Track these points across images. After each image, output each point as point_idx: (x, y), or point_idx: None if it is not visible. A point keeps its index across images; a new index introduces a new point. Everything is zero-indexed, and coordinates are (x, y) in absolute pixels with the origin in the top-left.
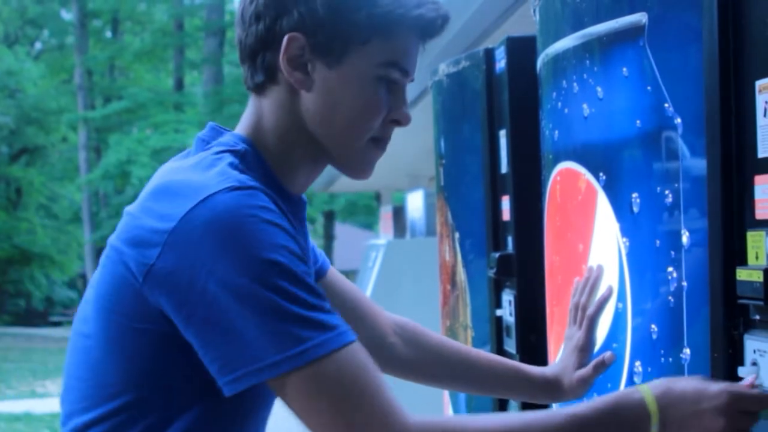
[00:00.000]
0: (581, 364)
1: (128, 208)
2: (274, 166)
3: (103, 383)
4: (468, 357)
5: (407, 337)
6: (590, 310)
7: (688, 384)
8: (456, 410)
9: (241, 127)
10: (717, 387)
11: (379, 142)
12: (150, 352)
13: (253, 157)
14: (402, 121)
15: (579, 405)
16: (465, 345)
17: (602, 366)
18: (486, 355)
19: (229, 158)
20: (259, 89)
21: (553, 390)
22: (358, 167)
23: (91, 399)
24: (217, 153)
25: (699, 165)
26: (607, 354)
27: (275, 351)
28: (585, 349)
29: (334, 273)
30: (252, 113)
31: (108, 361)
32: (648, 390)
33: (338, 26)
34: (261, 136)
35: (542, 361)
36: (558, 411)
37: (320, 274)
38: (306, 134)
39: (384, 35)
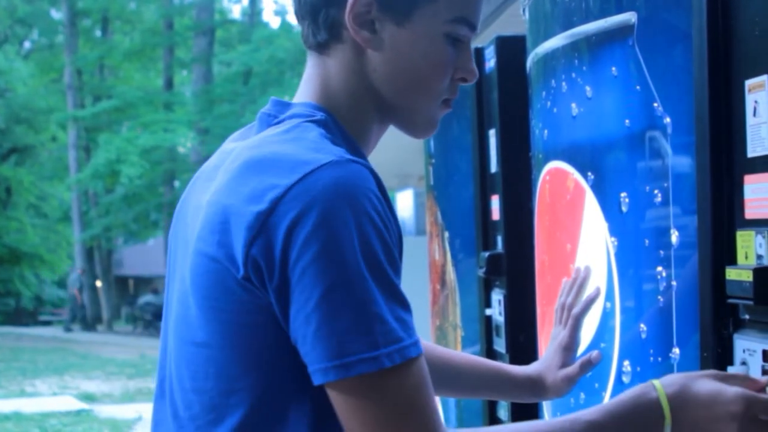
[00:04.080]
0: (565, 363)
1: (203, 199)
2: (349, 130)
3: (230, 389)
4: (450, 362)
5: None
6: (576, 310)
7: (703, 386)
8: (445, 409)
9: (308, 94)
10: (732, 391)
11: (447, 102)
12: (266, 345)
13: (334, 124)
14: (469, 78)
15: (595, 410)
16: (447, 349)
17: (588, 365)
18: (468, 357)
19: (315, 128)
20: (321, 48)
21: (536, 388)
22: (425, 126)
23: (220, 409)
24: (299, 126)
25: (688, 164)
26: (594, 353)
27: (354, 351)
28: (569, 348)
29: None
30: (316, 75)
31: (234, 365)
32: (662, 389)
33: None
34: (332, 100)
35: (531, 360)
36: (576, 418)
37: None
38: (374, 94)
39: None
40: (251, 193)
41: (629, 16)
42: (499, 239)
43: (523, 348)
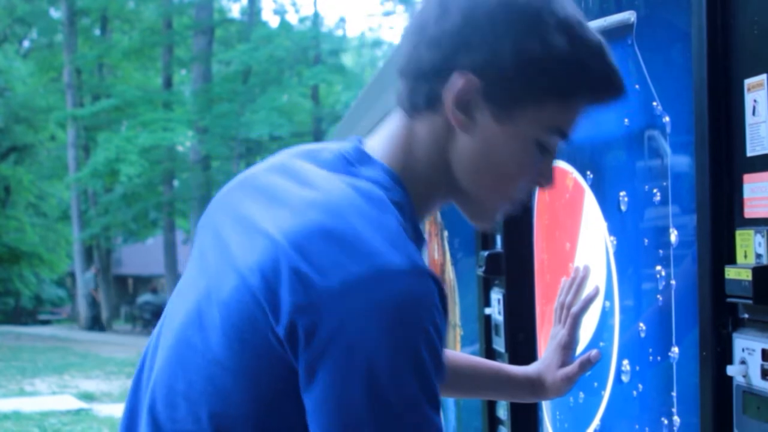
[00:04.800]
0: (564, 362)
1: (260, 220)
2: (415, 200)
3: (223, 413)
4: (451, 363)
5: None
6: (575, 309)
7: None
8: (445, 409)
9: (389, 154)
10: None
11: (515, 201)
12: (277, 390)
13: (408, 207)
14: (545, 185)
15: None
16: (446, 350)
17: (588, 364)
18: (467, 358)
19: (394, 213)
20: (414, 112)
21: (535, 388)
22: (485, 219)
23: (205, 426)
24: (380, 203)
25: (687, 163)
26: (593, 352)
27: None
28: (568, 347)
29: None
30: (401, 136)
31: (237, 392)
32: None
33: (518, 83)
34: (409, 170)
35: (531, 359)
36: None
37: None
38: (450, 174)
39: (561, 101)
40: (318, 260)
41: (628, 15)
42: (499, 238)
43: (523, 347)
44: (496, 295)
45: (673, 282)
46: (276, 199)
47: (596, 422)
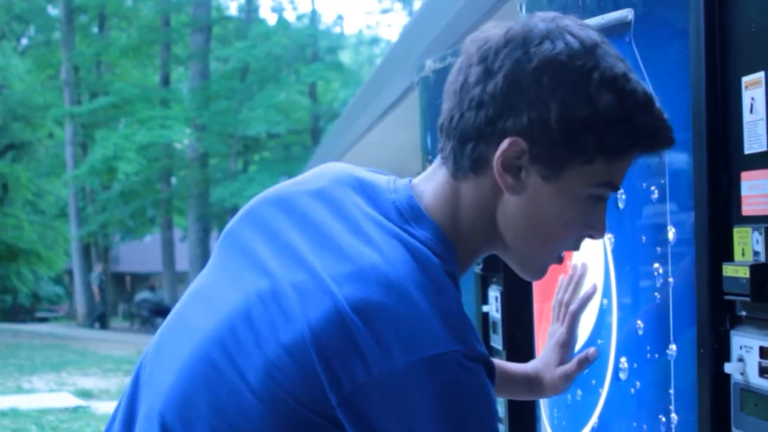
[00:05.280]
0: (563, 360)
1: (310, 264)
2: (460, 260)
3: None
4: None
5: None
6: (573, 307)
7: None
8: None
9: (438, 211)
10: None
11: (562, 257)
12: None
13: (457, 273)
14: (596, 237)
15: None
16: None
17: (586, 362)
18: None
19: (451, 289)
20: (460, 174)
21: (533, 386)
22: (535, 273)
23: None
24: (438, 271)
25: (685, 161)
26: (591, 350)
27: None
28: (567, 345)
29: None
30: (448, 195)
31: (266, 426)
32: None
33: (566, 144)
34: (457, 230)
35: (528, 357)
36: None
37: None
38: (496, 235)
39: (609, 159)
40: (380, 341)
41: (626, 13)
42: None
43: (520, 345)
44: (494, 293)
45: (670, 279)
46: (327, 240)
47: (594, 420)
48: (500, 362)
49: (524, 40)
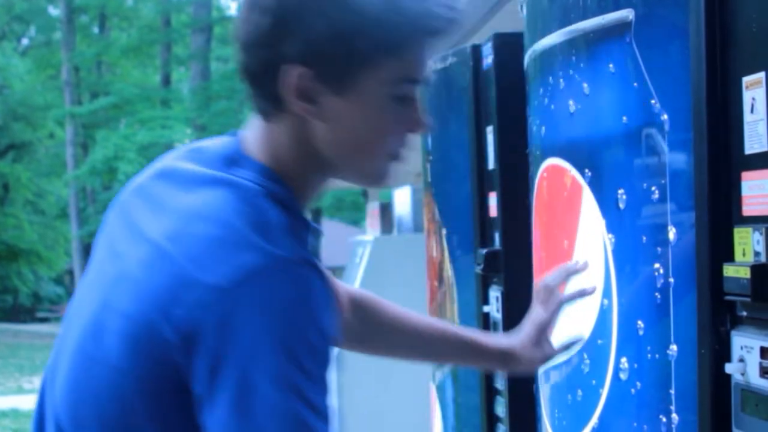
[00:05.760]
0: (540, 341)
1: (146, 229)
2: (294, 189)
3: (139, 422)
4: (422, 331)
5: (362, 315)
6: (565, 296)
7: None
8: (443, 406)
9: (260, 153)
10: None
11: (396, 155)
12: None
13: (289, 200)
14: (416, 130)
15: None
16: (420, 316)
17: (563, 347)
18: (441, 326)
19: (273, 210)
20: (266, 116)
21: (507, 361)
22: (374, 180)
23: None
24: (257, 197)
25: (686, 161)
26: (576, 336)
27: None
28: (545, 327)
29: None
30: (266, 139)
31: (142, 399)
32: None
33: (344, 54)
34: (282, 166)
35: None
36: None
37: None
38: (321, 160)
39: (393, 55)
40: (205, 265)
41: (626, 13)
42: (497, 236)
43: None
44: (495, 293)
45: (671, 280)
46: (160, 207)
47: (594, 420)
48: (473, 334)
49: None
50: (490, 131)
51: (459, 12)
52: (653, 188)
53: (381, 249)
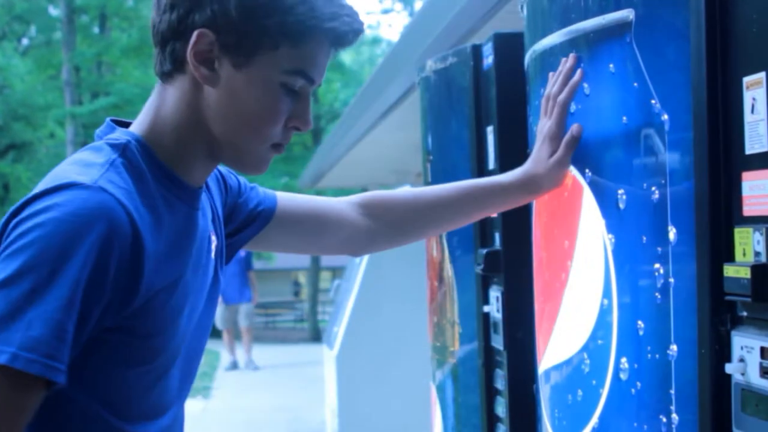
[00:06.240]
0: (553, 153)
1: None
2: (168, 159)
3: None
4: (440, 198)
5: (374, 213)
6: (561, 96)
7: None
8: (443, 406)
9: (136, 123)
10: None
11: (278, 146)
12: None
13: (136, 149)
14: (302, 127)
15: None
16: (433, 187)
17: (572, 141)
18: (457, 186)
19: (105, 151)
20: (165, 77)
21: (530, 186)
22: (253, 166)
23: None
24: (95, 147)
25: (686, 161)
26: (574, 127)
27: None
28: (555, 137)
29: (284, 200)
30: (152, 105)
31: None
32: None
33: (249, 29)
34: (156, 129)
35: (530, 357)
36: None
37: (268, 213)
38: (204, 129)
39: (294, 43)
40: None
41: (627, 13)
42: (497, 236)
43: (521, 344)
44: (495, 293)
45: (671, 280)
46: None
47: (595, 420)
48: (491, 180)
49: None
50: (490, 131)
51: (363, 28)
52: (653, 188)
53: None
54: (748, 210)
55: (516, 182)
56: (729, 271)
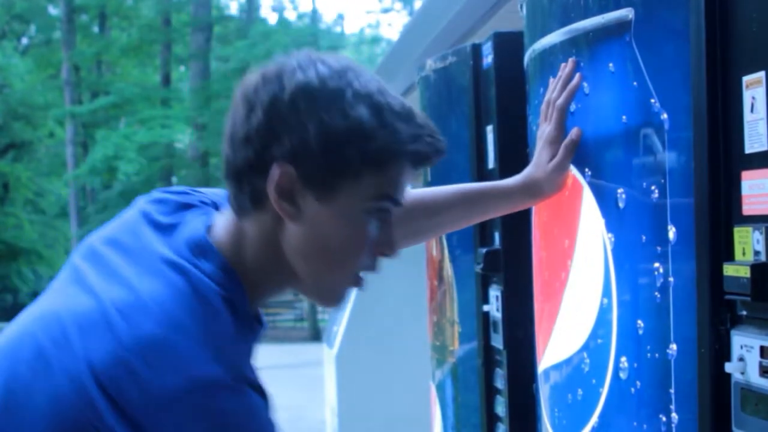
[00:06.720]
0: (553, 157)
1: (97, 289)
2: (248, 291)
3: None
4: (439, 204)
5: None
6: (560, 101)
7: None
8: (443, 406)
9: (225, 246)
10: None
11: (358, 280)
12: None
13: (242, 304)
14: (389, 254)
15: None
16: (432, 192)
17: (572, 144)
18: (456, 191)
19: (226, 318)
20: (243, 213)
21: (531, 190)
22: (331, 300)
23: None
24: (214, 300)
25: (685, 161)
26: (573, 131)
27: None
28: (555, 141)
29: None
30: (234, 234)
31: None
32: None
33: (330, 161)
34: (244, 263)
35: (529, 356)
36: None
37: None
38: (285, 267)
39: (377, 170)
40: (143, 373)
41: (626, 12)
42: (497, 235)
43: (521, 344)
44: (495, 292)
45: (671, 279)
46: (117, 276)
47: (594, 419)
48: (493, 184)
49: (278, 75)
50: (490, 130)
51: (445, 148)
52: (653, 187)
53: None
54: (747, 209)
55: (517, 187)
56: (729, 270)
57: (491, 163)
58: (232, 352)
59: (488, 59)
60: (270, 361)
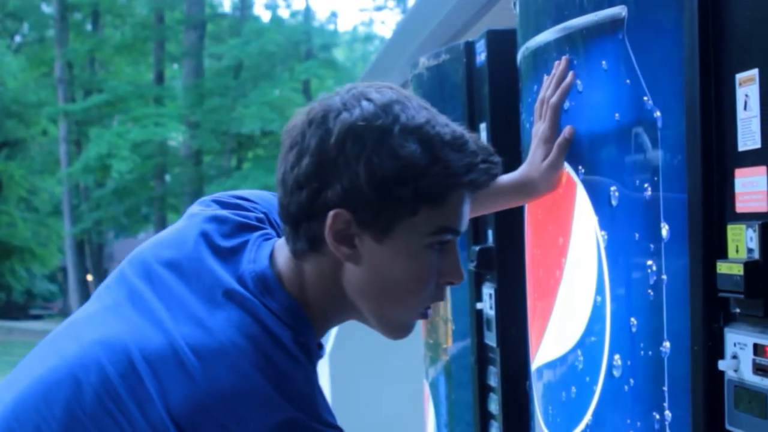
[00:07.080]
0: (547, 156)
1: (170, 329)
2: (313, 327)
3: None
4: None
5: None
6: (553, 99)
7: None
8: (436, 403)
9: (291, 285)
10: None
11: (425, 313)
12: None
13: (309, 342)
14: (455, 281)
15: None
16: None
17: (565, 143)
18: None
19: (297, 359)
20: (300, 255)
21: (526, 189)
22: (399, 332)
23: None
24: (286, 344)
25: (679, 158)
26: (566, 129)
27: None
28: (549, 140)
29: None
30: (294, 273)
31: None
32: None
33: (383, 202)
34: (307, 301)
35: (523, 354)
36: None
37: None
38: (348, 305)
39: (433, 204)
40: (236, 418)
41: (619, 10)
42: (490, 233)
43: (515, 341)
44: (488, 290)
45: (664, 277)
46: (185, 309)
47: (588, 417)
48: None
49: (324, 117)
50: (483, 128)
51: (500, 169)
52: (646, 185)
53: None
54: (740, 207)
55: (511, 185)
56: (722, 267)
57: None
58: (309, 395)
59: (481, 57)
60: None
